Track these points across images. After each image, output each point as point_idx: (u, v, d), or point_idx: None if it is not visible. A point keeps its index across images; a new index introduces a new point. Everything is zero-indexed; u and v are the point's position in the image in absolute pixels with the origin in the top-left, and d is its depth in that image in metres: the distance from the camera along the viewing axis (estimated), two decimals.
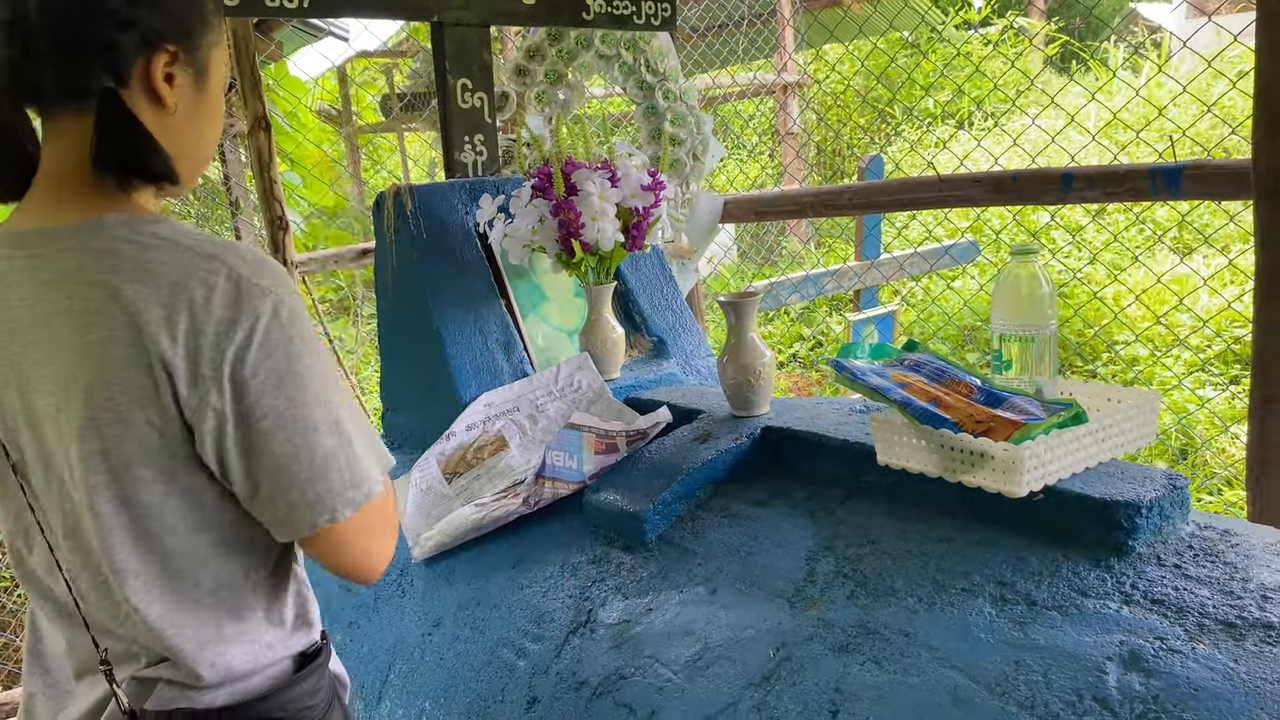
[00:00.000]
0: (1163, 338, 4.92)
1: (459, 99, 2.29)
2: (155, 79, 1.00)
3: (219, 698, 1.04)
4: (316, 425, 0.98)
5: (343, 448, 0.99)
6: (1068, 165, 2.54)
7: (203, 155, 1.10)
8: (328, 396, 0.99)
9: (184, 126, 1.05)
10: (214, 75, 1.07)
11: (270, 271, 0.98)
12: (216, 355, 0.93)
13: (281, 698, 1.06)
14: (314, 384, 0.98)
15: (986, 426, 1.28)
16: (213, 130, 1.10)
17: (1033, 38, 8.60)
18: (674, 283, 2.39)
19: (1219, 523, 1.27)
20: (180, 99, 1.03)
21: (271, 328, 0.95)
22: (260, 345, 0.95)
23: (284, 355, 0.96)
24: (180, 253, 0.95)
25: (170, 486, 0.98)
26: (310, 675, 1.10)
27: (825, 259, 7.43)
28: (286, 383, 0.96)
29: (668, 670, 1.32)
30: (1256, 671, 0.99)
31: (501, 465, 1.84)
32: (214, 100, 1.08)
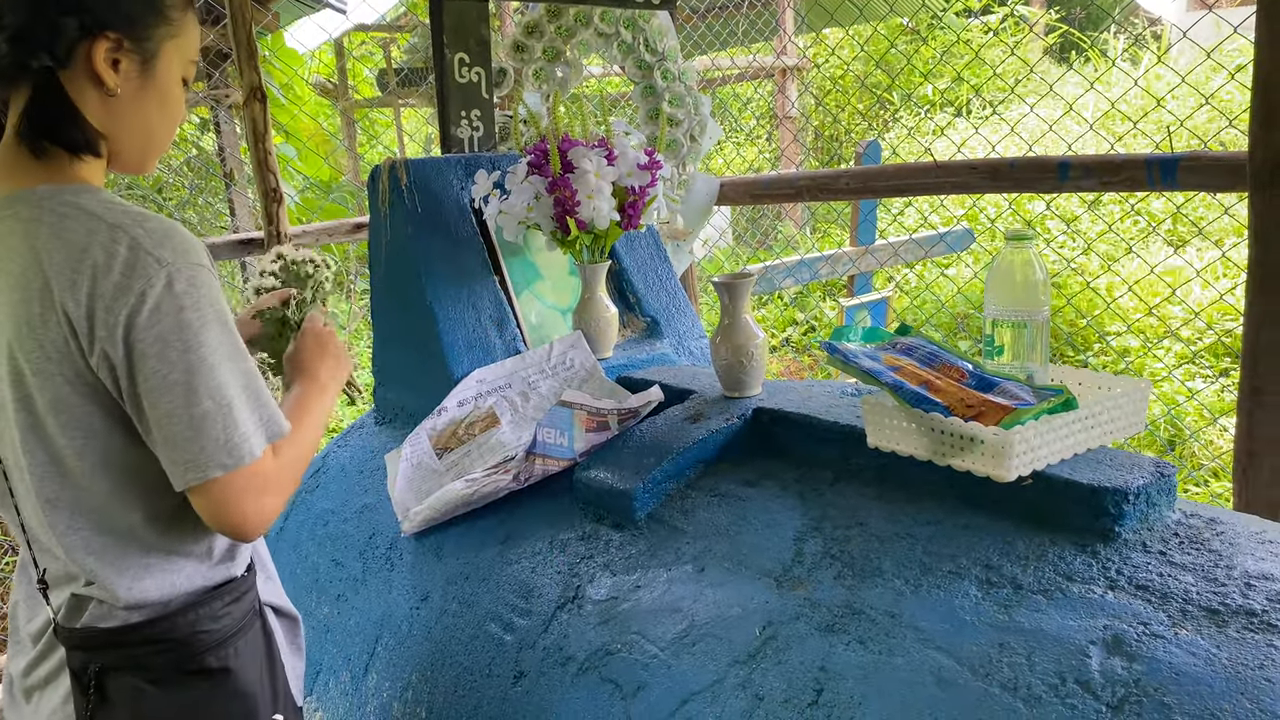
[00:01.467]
0: (1154, 329, 4.93)
1: (456, 74, 2.28)
2: (96, 62, 1.10)
3: (133, 618, 1.16)
4: (195, 389, 1.06)
5: (220, 413, 1.07)
6: (1064, 154, 2.54)
7: (153, 139, 1.20)
8: (213, 364, 1.07)
9: (128, 109, 1.15)
10: (164, 65, 1.17)
11: (175, 245, 1.07)
12: (109, 317, 1.04)
13: (176, 620, 1.17)
14: (199, 351, 1.06)
15: (977, 411, 1.29)
16: (163, 117, 1.19)
17: (1033, 26, 8.57)
18: (668, 263, 2.39)
19: (1205, 511, 1.27)
20: (124, 83, 1.13)
21: (163, 297, 1.04)
22: (150, 311, 1.04)
23: (172, 323, 1.05)
24: (92, 221, 1.06)
25: (84, 431, 1.10)
26: (211, 602, 1.20)
27: (820, 244, 7.43)
28: (170, 348, 1.05)
29: (654, 647, 1.32)
30: (1238, 657, 1.00)
31: (492, 441, 1.84)
32: (163, 88, 1.17)
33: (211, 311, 1.08)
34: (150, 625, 1.16)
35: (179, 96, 1.20)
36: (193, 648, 1.18)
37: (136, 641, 1.16)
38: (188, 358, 1.06)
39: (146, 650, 1.16)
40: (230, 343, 1.10)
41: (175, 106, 1.20)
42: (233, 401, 1.08)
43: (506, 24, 4.96)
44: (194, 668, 1.18)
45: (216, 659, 1.20)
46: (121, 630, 1.15)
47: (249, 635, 1.25)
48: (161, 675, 1.17)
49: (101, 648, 1.16)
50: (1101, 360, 4.98)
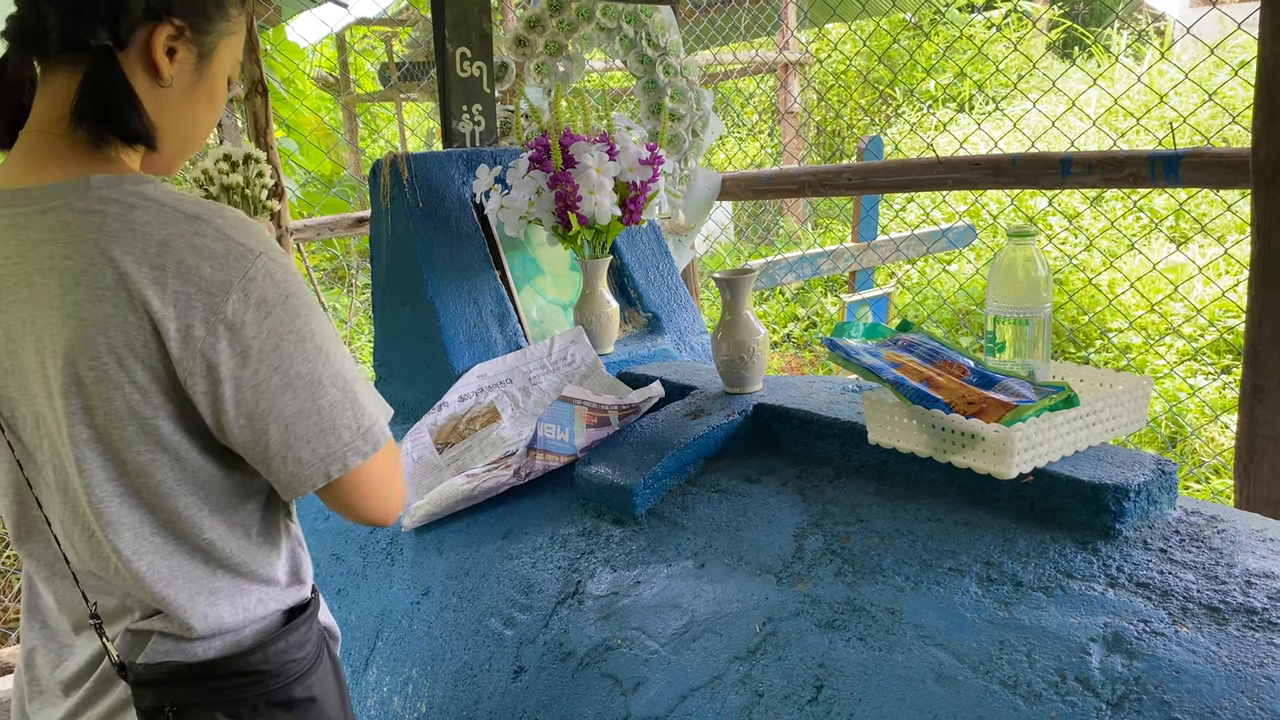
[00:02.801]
0: (1156, 326, 4.93)
1: (458, 68, 2.27)
2: (155, 49, 1.02)
3: (210, 649, 1.06)
4: (320, 380, 0.99)
5: (348, 400, 1.01)
6: (1067, 150, 2.53)
7: (192, 136, 1.12)
8: (329, 350, 1.01)
9: (177, 102, 1.07)
10: (218, 63, 1.09)
11: (254, 232, 0.99)
12: (211, 316, 0.94)
13: (269, 650, 1.08)
14: (314, 339, 0.99)
15: (978, 408, 1.28)
16: (207, 115, 1.12)
17: (1036, 22, 8.56)
18: (670, 259, 2.39)
19: (1206, 509, 1.27)
20: (178, 75, 1.05)
21: (266, 287, 0.96)
22: (257, 305, 0.95)
23: (282, 313, 0.97)
24: (166, 212, 0.96)
25: (154, 444, 0.99)
26: (298, 629, 1.12)
27: (822, 239, 7.43)
28: (286, 341, 0.97)
29: (654, 642, 1.32)
30: (1238, 655, 1.00)
31: (493, 436, 1.84)
32: (213, 85, 1.10)
33: (307, 295, 1.01)
34: (241, 657, 1.07)
35: (223, 96, 1.13)
36: (282, 678, 1.09)
37: (225, 674, 1.06)
38: (305, 348, 0.98)
39: (236, 683, 1.06)
40: (328, 324, 1.03)
41: (218, 106, 1.13)
42: (354, 386, 1.03)
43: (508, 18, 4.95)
44: (282, 699, 1.09)
45: (303, 688, 1.11)
46: (208, 664, 1.05)
47: (324, 661, 1.16)
48: (247, 710, 1.07)
49: (182, 683, 1.04)
50: (1103, 357, 4.98)
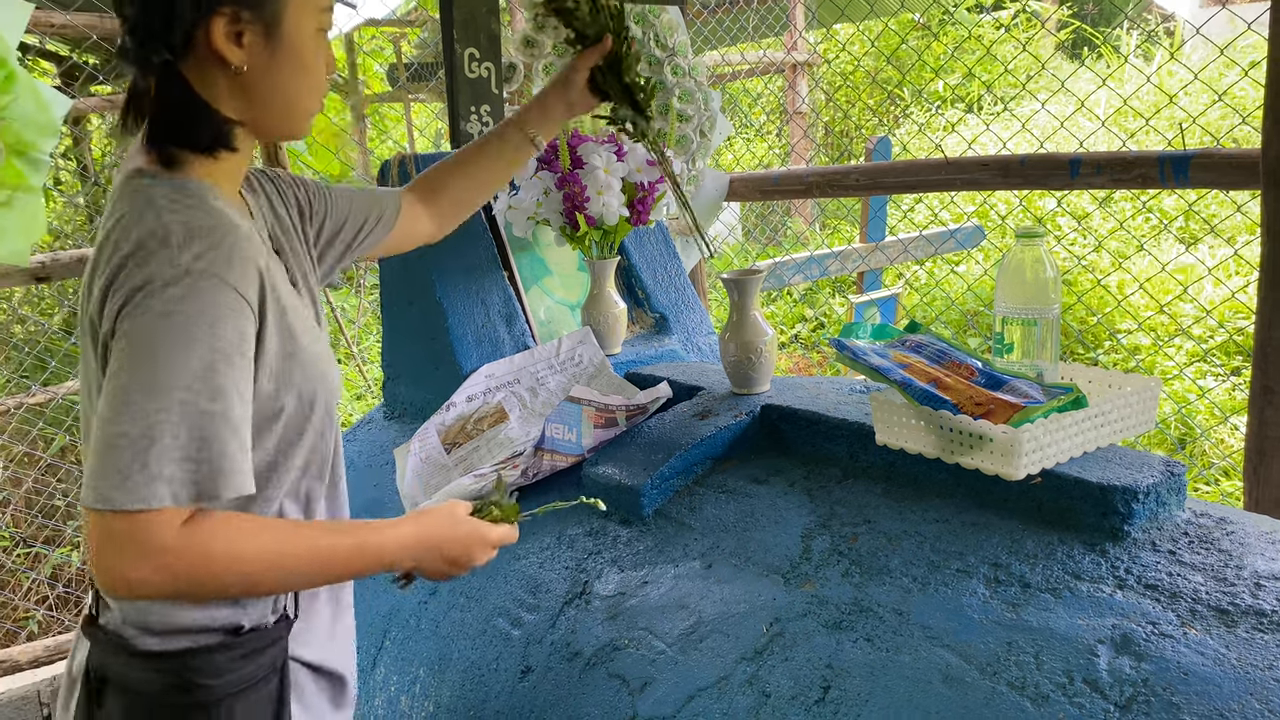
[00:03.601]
0: (1165, 327, 4.91)
1: (466, 68, 2.28)
2: (217, 43, 1.03)
3: (149, 642, 1.07)
4: (129, 404, 0.92)
5: (137, 444, 0.91)
6: (1076, 151, 2.53)
7: (296, 104, 1.11)
8: (165, 385, 0.93)
9: (262, 83, 1.07)
10: (292, 25, 1.07)
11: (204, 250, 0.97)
12: (111, 305, 0.96)
13: (174, 660, 1.06)
14: (152, 365, 0.93)
15: (986, 409, 1.28)
16: (303, 78, 1.10)
17: (1045, 22, 8.54)
18: (678, 259, 2.39)
19: (1215, 510, 1.27)
20: (251, 57, 1.05)
21: (155, 299, 0.94)
22: (136, 307, 0.94)
23: (148, 323, 0.94)
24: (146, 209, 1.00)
25: None
26: (214, 652, 1.08)
27: (830, 240, 7.42)
28: (133, 354, 0.93)
29: (661, 643, 1.32)
30: (1247, 658, 1.00)
31: (501, 437, 1.84)
32: (296, 50, 1.08)
33: (203, 331, 0.95)
34: (154, 658, 1.07)
35: (315, 51, 1.11)
36: (185, 696, 1.06)
37: (138, 666, 1.07)
38: (137, 369, 0.93)
39: (143, 678, 1.07)
40: (205, 374, 0.94)
41: (314, 64, 1.11)
42: (160, 437, 0.91)
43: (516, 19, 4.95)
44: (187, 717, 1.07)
45: (207, 716, 1.07)
46: (131, 649, 1.07)
47: (253, 699, 1.10)
48: (152, 710, 1.07)
49: (114, 654, 1.08)
50: (1112, 358, 4.96)
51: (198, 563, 0.94)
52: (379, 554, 1.09)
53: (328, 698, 1.23)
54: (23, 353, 4.62)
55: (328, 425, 1.17)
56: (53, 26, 3.93)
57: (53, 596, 3.77)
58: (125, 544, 0.91)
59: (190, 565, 0.94)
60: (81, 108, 4.88)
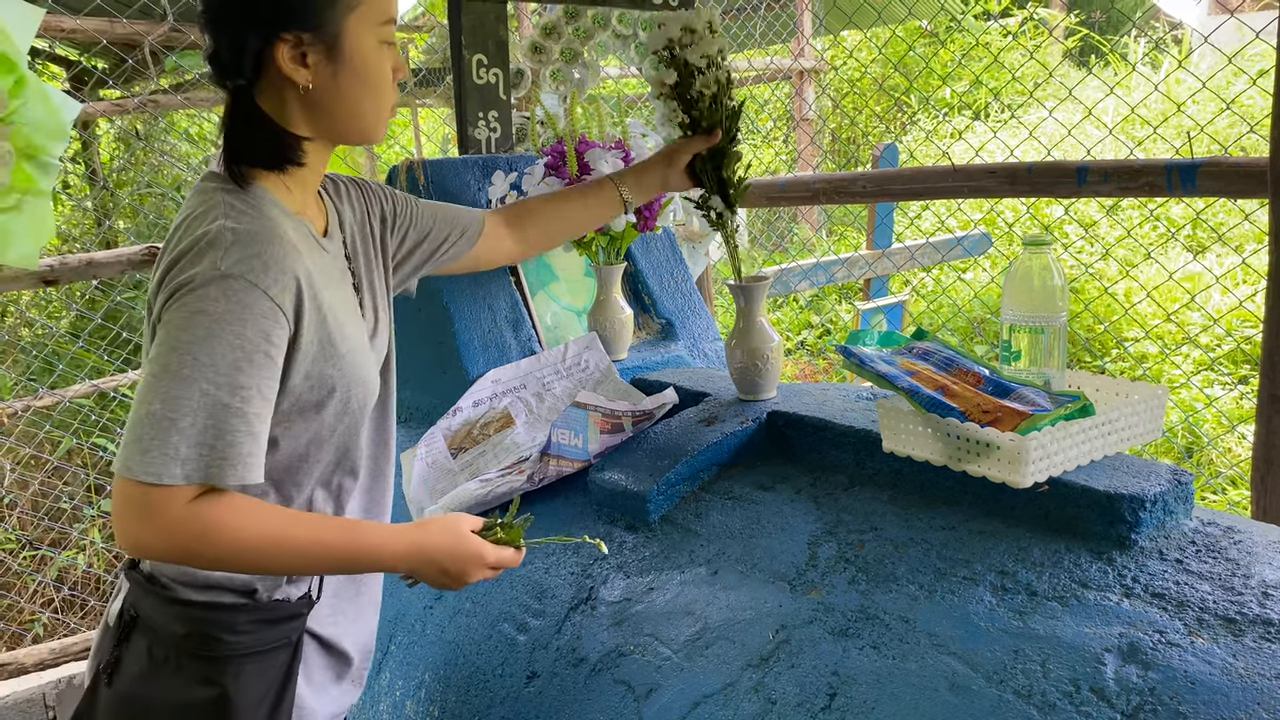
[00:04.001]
0: (1172, 335, 4.90)
1: (474, 75, 2.28)
2: (283, 66, 1.11)
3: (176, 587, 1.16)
4: (156, 387, 1.02)
5: (160, 421, 1.01)
6: (1083, 159, 2.53)
7: (364, 114, 1.19)
8: (188, 375, 1.01)
9: (329, 98, 1.15)
10: (352, 42, 1.14)
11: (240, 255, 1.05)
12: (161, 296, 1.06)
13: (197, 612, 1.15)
14: (182, 357, 1.02)
15: (993, 416, 1.28)
16: (368, 90, 1.17)
17: (1052, 30, 8.53)
18: (684, 265, 2.39)
19: (1222, 519, 1.27)
20: (316, 76, 1.13)
21: (194, 295, 1.03)
22: (178, 301, 1.04)
23: (183, 318, 1.03)
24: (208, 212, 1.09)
25: None
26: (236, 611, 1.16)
27: (836, 247, 7.42)
28: (169, 343, 1.03)
29: (667, 649, 1.32)
30: (1254, 667, 0.99)
31: (507, 442, 1.85)
32: (358, 64, 1.15)
33: (231, 330, 1.03)
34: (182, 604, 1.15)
35: (380, 64, 1.18)
36: (198, 646, 1.14)
37: (168, 599, 1.15)
38: (170, 356, 1.02)
39: (167, 620, 1.15)
40: (229, 371, 1.03)
41: (379, 76, 1.18)
42: (180, 420, 1.01)
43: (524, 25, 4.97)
44: (197, 669, 1.14)
45: (219, 671, 1.14)
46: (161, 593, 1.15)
47: (265, 664, 1.17)
48: (169, 655, 1.14)
49: (146, 594, 1.16)
50: (1119, 366, 4.95)
51: (197, 535, 1.03)
52: (374, 558, 1.16)
53: (333, 674, 1.29)
54: (30, 356, 4.63)
55: (360, 424, 1.24)
56: (63, 31, 3.95)
57: (59, 599, 3.78)
58: (138, 509, 1.02)
59: (190, 536, 1.03)
60: (91, 112, 4.90)
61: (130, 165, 6.22)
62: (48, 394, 3.61)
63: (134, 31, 3.99)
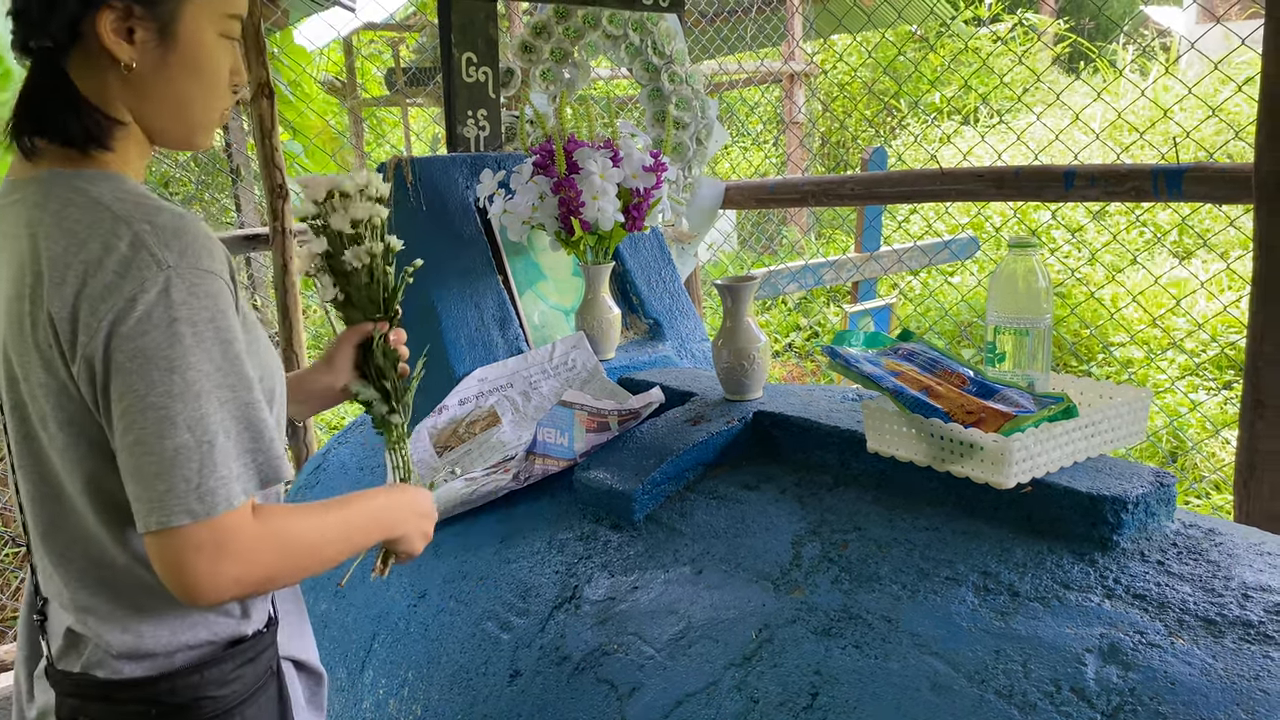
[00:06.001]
0: (1158, 340, 4.93)
1: (464, 73, 2.28)
2: (105, 37, 0.98)
3: (138, 669, 1.02)
4: (174, 418, 0.90)
5: (198, 450, 0.91)
6: (1070, 163, 2.54)
7: (190, 111, 1.06)
8: (201, 390, 0.92)
9: (153, 83, 1.02)
10: (188, 27, 1.02)
11: (183, 245, 0.94)
12: (93, 320, 0.91)
13: (179, 680, 1.03)
14: (186, 373, 0.91)
15: (977, 417, 1.28)
16: (198, 85, 1.05)
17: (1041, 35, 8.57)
18: (673, 266, 2.39)
19: (1204, 522, 1.27)
20: (142, 55, 1.00)
21: (156, 304, 0.91)
22: (139, 319, 0.90)
23: (161, 337, 0.91)
24: (99, 211, 0.94)
25: (70, 451, 0.96)
26: (221, 662, 1.06)
27: (825, 249, 7.44)
28: (154, 366, 0.90)
29: (650, 648, 1.32)
30: (1234, 668, 1.00)
31: (493, 440, 1.84)
32: (191, 53, 1.03)
33: (210, 328, 0.93)
34: (150, 683, 1.02)
35: (216, 59, 1.05)
36: (192, 714, 1.03)
37: (129, 699, 1.02)
38: (171, 379, 0.90)
39: (139, 710, 1.02)
40: (229, 367, 0.95)
41: (213, 71, 1.05)
42: (216, 438, 0.92)
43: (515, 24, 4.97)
44: None
45: None
46: (116, 684, 1.01)
47: (261, 700, 1.10)
48: None
49: (93, 699, 1.02)
50: (1105, 370, 4.97)
51: (276, 548, 0.97)
52: (378, 519, 1.14)
53: (309, 696, 1.23)
54: None
55: (282, 415, 1.16)
56: None
57: None
58: (210, 551, 0.91)
59: (273, 552, 0.96)
60: None
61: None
62: None
63: None
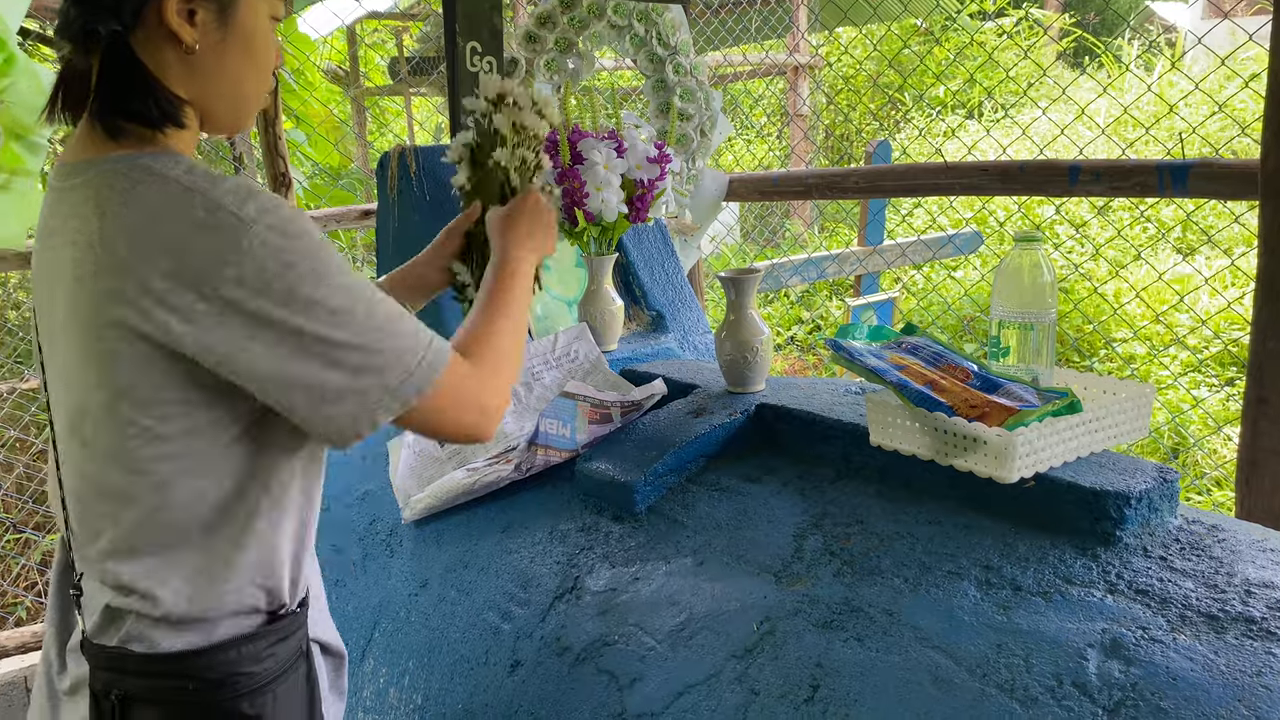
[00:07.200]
0: (1161, 336, 4.92)
1: (468, 62, 2.27)
2: (169, 17, 1.00)
3: (176, 643, 1.03)
4: (347, 316, 0.95)
5: (392, 333, 0.98)
6: (1075, 158, 2.53)
7: (244, 93, 1.09)
8: (343, 308, 0.96)
9: (212, 66, 1.05)
10: (244, 10, 1.05)
11: (259, 204, 0.95)
12: (208, 290, 0.92)
13: (216, 656, 1.04)
14: (326, 303, 0.95)
15: (981, 411, 1.28)
16: (252, 67, 1.08)
17: (1047, 30, 8.55)
18: (675, 258, 2.39)
19: (1207, 518, 1.27)
20: (203, 37, 1.02)
21: (264, 259, 0.93)
22: (255, 278, 0.92)
23: (284, 284, 0.93)
24: (169, 185, 0.95)
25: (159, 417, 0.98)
26: (256, 640, 1.06)
27: (828, 243, 7.42)
28: (293, 309, 0.94)
29: (651, 639, 1.32)
30: (1236, 664, 1.00)
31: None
32: (247, 35, 1.06)
33: (318, 255, 0.96)
34: (187, 658, 1.03)
35: (267, 40, 1.09)
36: (227, 691, 1.04)
37: (165, 673, 1.03)
38: (316, 313, 0.94)
39: (175, 685, 1.03)
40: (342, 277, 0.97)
41: (265, 53, 1.09)
42: (394, 311, 0.99)
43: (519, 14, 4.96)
44: (225, 712, 1.04)
45: (251, 706, 1.05)
46: (153, 658, 1.02)
47: (291, 680, 1.11)
48: (188, 715, 1.04)
49: (129, 674, 1.03)
50: (1107, 366, 4.97)
51: (492, 369, 1.09)
52: (516, 268, 1.27)
53: (333, 679, 1.23)
54: (17, 338, 4.60)
55: None
56: (54, 12, 3.92)
57: (42, 582, 3.76)
58: (453, 406, 1.03)
59: (500, 377, 1.10)
60: None
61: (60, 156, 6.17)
62: (33, 376, 3.59)
63: None
